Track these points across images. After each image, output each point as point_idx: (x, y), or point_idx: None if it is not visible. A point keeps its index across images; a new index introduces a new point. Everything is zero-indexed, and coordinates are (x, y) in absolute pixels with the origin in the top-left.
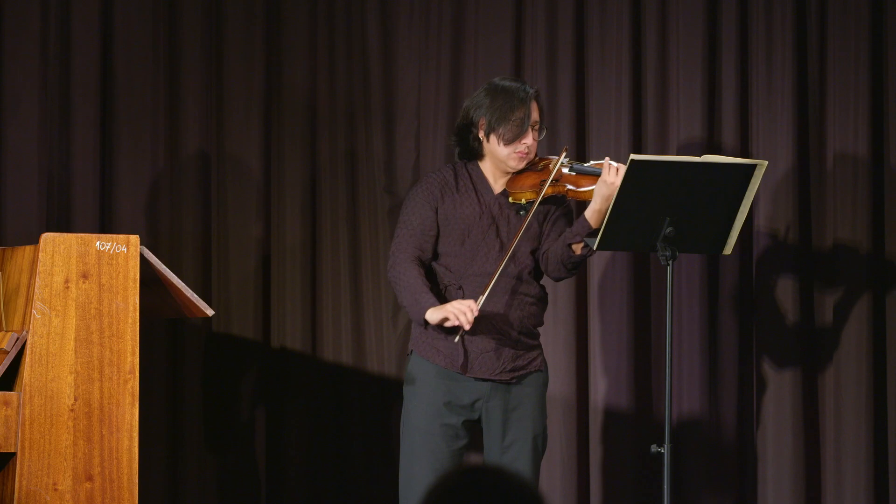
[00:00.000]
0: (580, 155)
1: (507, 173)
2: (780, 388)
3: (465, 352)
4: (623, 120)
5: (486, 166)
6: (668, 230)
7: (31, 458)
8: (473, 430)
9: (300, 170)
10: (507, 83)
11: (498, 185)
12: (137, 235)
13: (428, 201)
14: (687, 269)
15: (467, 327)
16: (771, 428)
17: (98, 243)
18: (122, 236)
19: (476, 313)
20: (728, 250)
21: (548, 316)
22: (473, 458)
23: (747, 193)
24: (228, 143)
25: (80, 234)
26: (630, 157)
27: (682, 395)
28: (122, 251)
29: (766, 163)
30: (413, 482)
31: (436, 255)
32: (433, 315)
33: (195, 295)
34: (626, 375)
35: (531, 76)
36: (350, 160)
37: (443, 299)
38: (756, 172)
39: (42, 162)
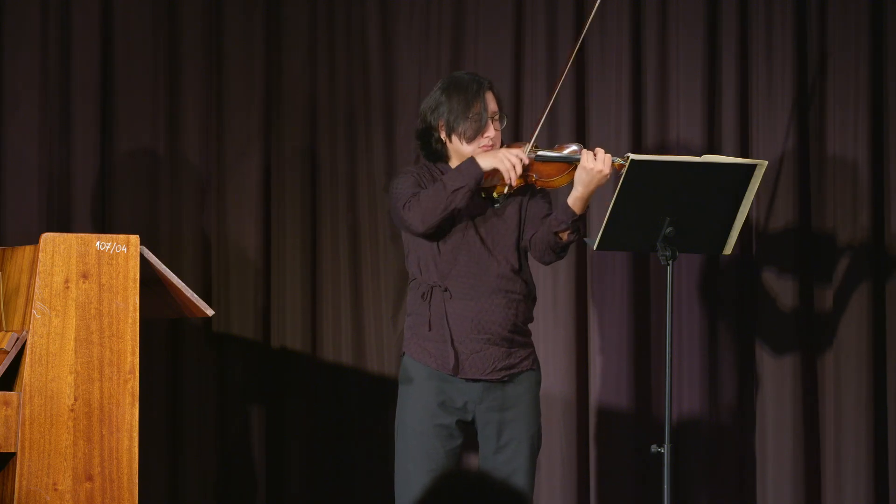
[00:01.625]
0: None
1: None
2: (780, 388)
3: (456, 353)
4: (623, 120)
5: (455, 165)
6: (668, 230)
7: (31, 458)
8: (468, 430)
9: (300, 169)
10: (459, 76)
11: None
12: (137, 235)
13: (414, 177)
14: (687, 269)
15: (514, 183)
16: (771, 428)
17: (98, 243)
18: (122, 236)
19: (526, 162)
20: (728, 250)
21: (548, 316)
22: (469, 458)
23: (747, 193)
24: (228, 143)
25: (80, 234)
26: (630, 157)
27: (682, 395)
28: (122, 251)
29: (766, 163)
30: (409, 483)
31: (416, 258)
32: (484, 161)
33: (195, 295)
34: (626, 375)
35: (531, 76)
36: (350, 160)
37: (427, 304)
38: (756, 172)
39: (42, 162)
